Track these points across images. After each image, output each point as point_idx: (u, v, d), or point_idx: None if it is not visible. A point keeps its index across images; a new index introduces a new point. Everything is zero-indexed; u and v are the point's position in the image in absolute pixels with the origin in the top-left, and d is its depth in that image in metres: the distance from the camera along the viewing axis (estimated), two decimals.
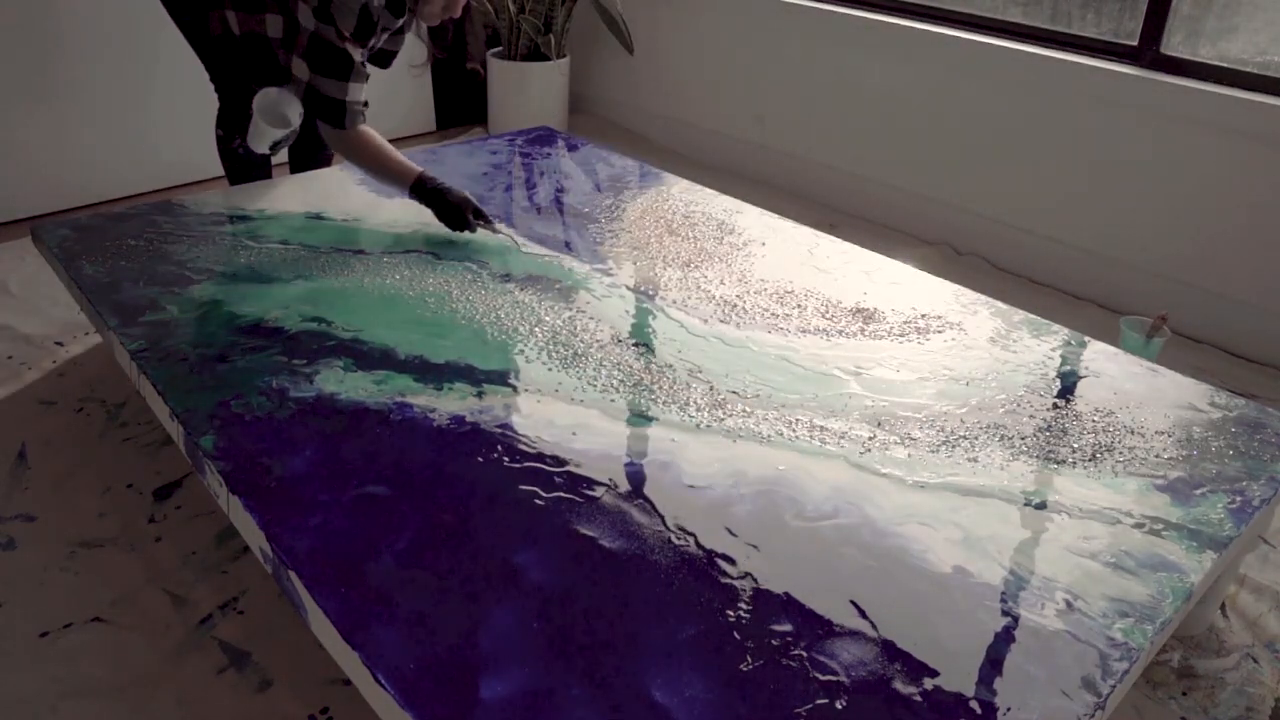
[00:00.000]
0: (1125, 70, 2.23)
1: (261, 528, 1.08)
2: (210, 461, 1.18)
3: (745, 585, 1.03)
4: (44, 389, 1.87)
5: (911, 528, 1.13)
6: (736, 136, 3.14)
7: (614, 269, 1.72)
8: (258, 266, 1.66)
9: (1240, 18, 2.21)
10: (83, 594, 1.39)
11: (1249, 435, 1.34)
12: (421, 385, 1.34)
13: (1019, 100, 2.42)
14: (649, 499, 1.15)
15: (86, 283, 1.59)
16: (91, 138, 2.68)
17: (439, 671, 0.91)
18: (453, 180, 1.83)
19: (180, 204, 1.91)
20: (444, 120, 3.47)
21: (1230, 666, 1.35)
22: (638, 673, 0.92)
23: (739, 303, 1.62)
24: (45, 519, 1.53)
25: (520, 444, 1.24)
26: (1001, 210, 2.54)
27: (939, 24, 2.60)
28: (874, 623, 0.99)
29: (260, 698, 1.24)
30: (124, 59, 2.66)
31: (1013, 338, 1.56)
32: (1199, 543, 1.12)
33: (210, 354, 1.40)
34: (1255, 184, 2.09)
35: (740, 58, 3.04)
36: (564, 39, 3.27)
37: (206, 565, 1.45)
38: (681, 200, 2.06)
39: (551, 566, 1.04)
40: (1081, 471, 1.24)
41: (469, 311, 1.55)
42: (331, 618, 0.96)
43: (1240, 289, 2.17)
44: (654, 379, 1.39)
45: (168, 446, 1.71)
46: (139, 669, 1.28)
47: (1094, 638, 0.98)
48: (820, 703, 0.90)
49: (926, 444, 1.28)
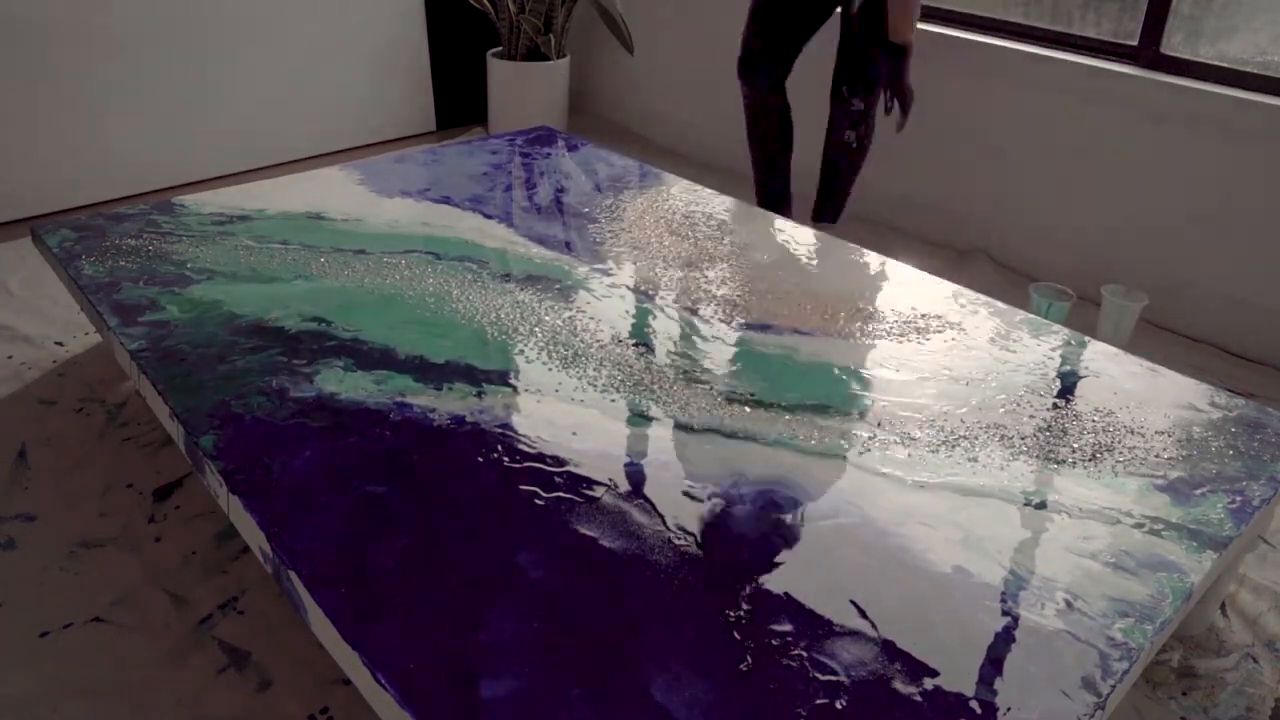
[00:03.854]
0: (1125, 70, 2.24)
1: (261, 528, 1.08)
2: (210, 461, 1.18)
3: (745, 585, 1.03)
4: (44, 389, 1.87)
5: (911, 528, 1.13)
6: (736, 136, 3.14)
7: (614, 269, 1.72)
8: (258, 266, 1.66)
9: (1240, 18, 2.21)
10: (83, 594, 1.39)
11: (1249, 435, 1.34)
12: (421, 385, 1.35)
13: (1019, 100, 2.42)
14: (649, 499, 1.15)
15: (86, 283, 1.60)
16: (91, 138, 2.68)
17: (439, 671, 0.91)
18: (453, 180, 1.83)
19: (180, 204, 1.91)
20: (444, 120, 3.47)
21: (1230, 666, 1.35)
22: (638, 673, 0.92)
23: (739, 303, 1.62)
24: (45, 519, 1.53)
25: (520, 444, 1.24)
26: (1002, 210, 2.54)
27: (939, 24, 2.60)
28: (874, 623, 0.99)
29: (260, 698, 1.24)
30: (124, 59, 2.66)
31: (1013, 338, 1.56)
32: (1199, 543, 1.12)
33: (210, 354, 1.40)
34: (1255, 184, 2.09)
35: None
36: (564, 39, 3.27)
37: (206, 565, 1.45)
38: (681, 200, 2.06)
39: (551, 566, 1.04)
40: (1081, 471, 1.24)
41: (469, 311, 1.55)
42: (331, 618, 0.96)
43: (1240, 288, 2.17)
44: (654, 379, 1.39)
45: (168, 446, 1.71)
46: (139, 669, 1.28)
47: (1094, 638, 0.98)
48: (820, 703, 0.90)
49: (926, 444, 1.28)
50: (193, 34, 2.76)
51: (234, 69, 2.89)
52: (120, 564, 1.45)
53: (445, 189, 2.03)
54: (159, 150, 2.82)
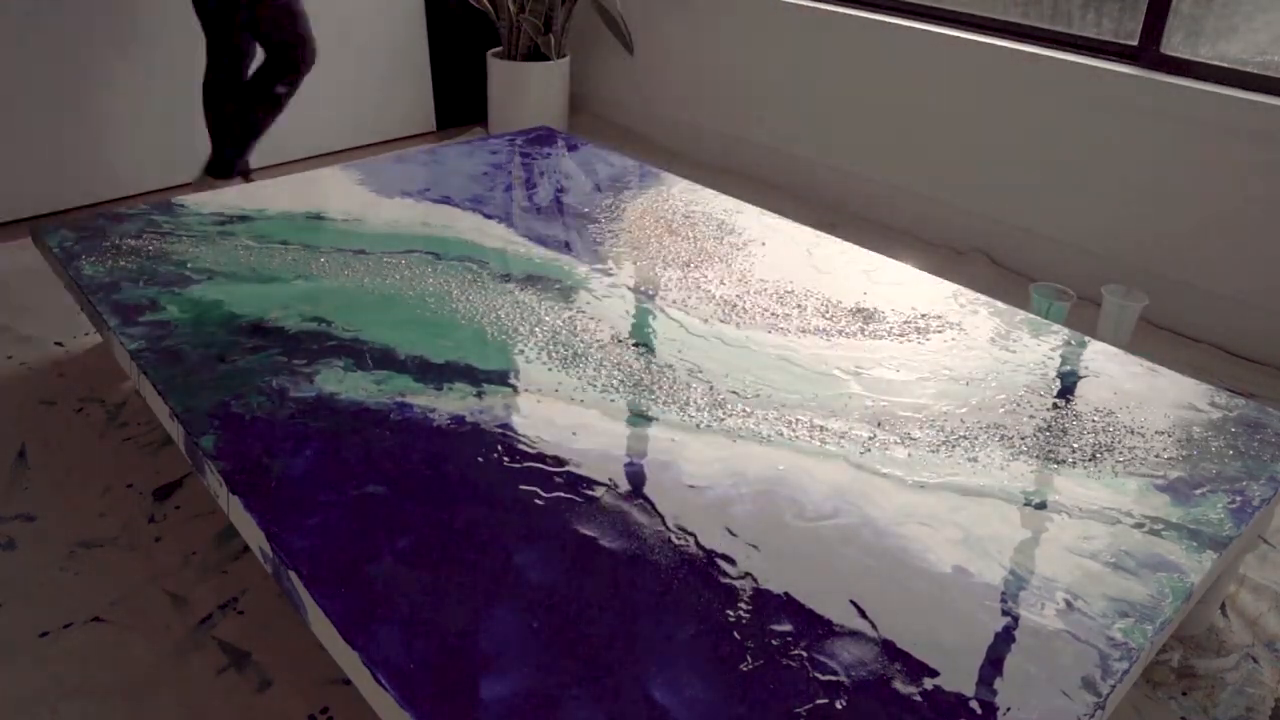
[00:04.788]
0: (1125, 70, 2.23)
1: (261, 528, 1.08)
2: (210, 461, 1.18)
3: (745, 585, 1.03)
4: (44, 389, 1.87)
5: (911, 528, 1.13)
6: (736, 136, 3.14)
7: (614, 269, 1.72)
8: (258, 266, 1.66)
9: (1240, 18, 2.21)
10: (83, 594, 1.39)
11: (1249, 435, 1.34)
12: (421, 385, 1.35)
13: (1019, 100, 2.42)
14: (649, 499, 1.15)
15: (86, 283, 1.60)
16: (91, 138, 2.68)
17: (439, 671, 0.91)
18: (453, 180, 1.83)
19: (180, 204, 1.91)
20: (444, 120, 3.47)
21: (1230, 666, 1.35)
22: (638, 673, 0.92)
23: (739, 303, 1.62)
24: (45, 519, 1.53)
25: (520, 444, 1.24)
26: (1002, 210, 2.54)
27: (939, 24, 2.60)
28: (874, 623, 0.99)
29: (260, 698, 1.24)
30: (124, 59, 2.66)
31: (1013, 338, 1.56)
32: (1199, 543, 1.12)
33: (210, 354, 1.40)
34: (1255, 183, 2.09)
35: (740, 58, 3.04)
36: (564, 39, 3.27)
37: (206, 565, 1.45)
38: (681, 200, 2.06)
39: (551, 566, 1.04)
40: (1081, 471, 1.24)
41: (469, 311, 1.55)
42: (331, 618, 0.96)
43: (1240, 288, 2.17)
44: (654, 379, 1.39)
45: (168, 446, 1.71)
46: (139, 669, 1.28)
47: (1094, 638, 0.98)
48: (820, 703, 0.90)
49: (926, 444, 1.28)
50: (193, 34, 2.76)
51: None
52: (120, 564, 1.45)
53: (445, 189, 2.03)
54: (159, 150, 2.82)
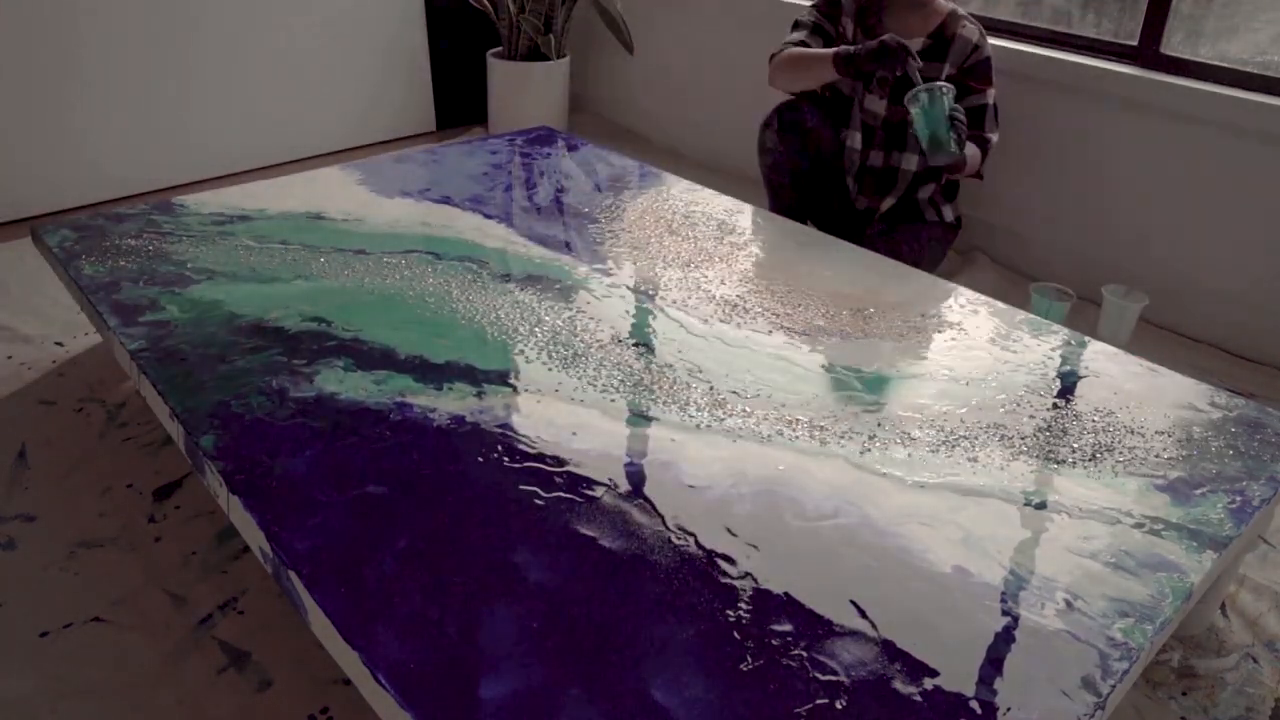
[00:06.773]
0: (1125, 70, 2.24)
1: (261, 528, 1.08)
2: (210, 461, 1.18)
3: (745, 585, 1.03)
4: (44, 389, 1.87)
5: (911, 528, 1.13)
6: (736, 136, 3.14)
7: (614, 269, 1.72)
8: (258, 266, 1.66)
9: (1240, 18, 2.21)
10: (83, 594, 1.39)
11: (1249, 435, 1.34)
12: (421, 385, 1.35)
13: (1018, 100, 2.42)
14: (649, 499, 1.15)
15: (86, 283, 1.59)
16: (91, 138, 2.68)
17: (439, 671, 0.91)
18: (453, 180, 1.83)
19: (180, 204, 1.91)
20: (444, 120, 3.47)
21: (1230, 666, 1.35)
22: (638, 673, 0.92)
23: (739, 303, 1.62)
24: (45, 519, 1.53)
25: (520, 444, 1.24)
26: (1001, 210, 2.54)
27: None
28: (874, 623, 0.99)
29: (260, 698, 1.24)
30: (124, 59, 2.66)
31: (1013, 338, 1.56)
32: (1199, 543, 1.12)
33: (210, 354, 1.40)
34: (1255, 183, 2.09)
35: (740, 58, 3.04)
36: (564, 39, 3.27)
37: (206, 565, 1.45)
38: (681, 200, 2.06)
39: (551, 566, 1.04)
40: (1081, 471, 1.24)
41: (469, 311, 1.55)
42: (331, 618, 0.96)
43: (1240, 288, 2.17)
44: (654, 379, 1.39)
45: (168, 446, 1.71)
46: (139, 669, 1.28)
47: (1094, 638, 0.98)
48: (820, 703, 0.90)
49: (926, 444, 1.28)
50: (193, 34, 2.76)
51: (234, 69, 2.89)
52: (120, 564, 1.45)
53: (445, 189, 2.03)
54: (159, 150, 2.82)
